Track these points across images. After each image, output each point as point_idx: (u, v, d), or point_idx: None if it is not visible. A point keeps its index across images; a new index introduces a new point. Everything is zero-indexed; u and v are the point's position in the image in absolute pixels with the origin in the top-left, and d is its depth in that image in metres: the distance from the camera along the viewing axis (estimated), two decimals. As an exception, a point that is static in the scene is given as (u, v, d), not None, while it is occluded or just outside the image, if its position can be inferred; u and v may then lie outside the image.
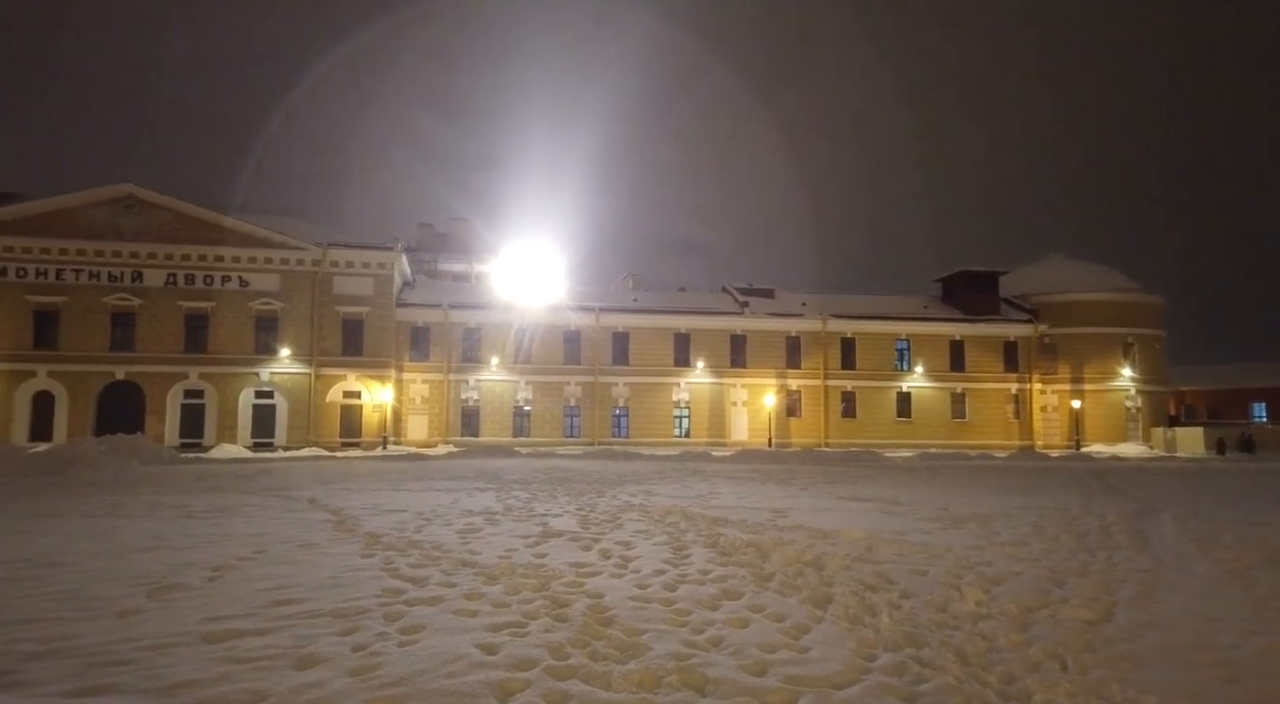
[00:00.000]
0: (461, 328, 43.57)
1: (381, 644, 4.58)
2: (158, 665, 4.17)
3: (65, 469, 20.14)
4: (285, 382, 39.80)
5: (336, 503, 12.58)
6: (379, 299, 41.28)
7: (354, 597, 5.80)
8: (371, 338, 40.94)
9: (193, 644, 4.58)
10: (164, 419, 38.04)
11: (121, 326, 38.22)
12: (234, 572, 6.81)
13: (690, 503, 12.82)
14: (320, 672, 4.08)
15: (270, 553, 7.75)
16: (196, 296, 39.00)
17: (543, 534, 9.11)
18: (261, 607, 5.47)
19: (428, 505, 12.25)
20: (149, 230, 38.48)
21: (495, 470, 21.52)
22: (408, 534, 9.05)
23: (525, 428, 43.77)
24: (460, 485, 16.35)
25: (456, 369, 43.15)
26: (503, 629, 4.92)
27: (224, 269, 39.35)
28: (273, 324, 39.93)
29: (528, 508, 12.01)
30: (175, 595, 5.89)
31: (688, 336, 46.13)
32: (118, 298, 38.09)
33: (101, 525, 9.91)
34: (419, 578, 6.51)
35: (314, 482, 17.31)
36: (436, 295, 44.71)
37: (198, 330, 39.12)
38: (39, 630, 4.86)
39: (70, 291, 37.56)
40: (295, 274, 40.20)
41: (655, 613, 5.43)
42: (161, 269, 38.62)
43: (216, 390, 39.00)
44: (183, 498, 13.40)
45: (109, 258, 38.01)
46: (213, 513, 11.23)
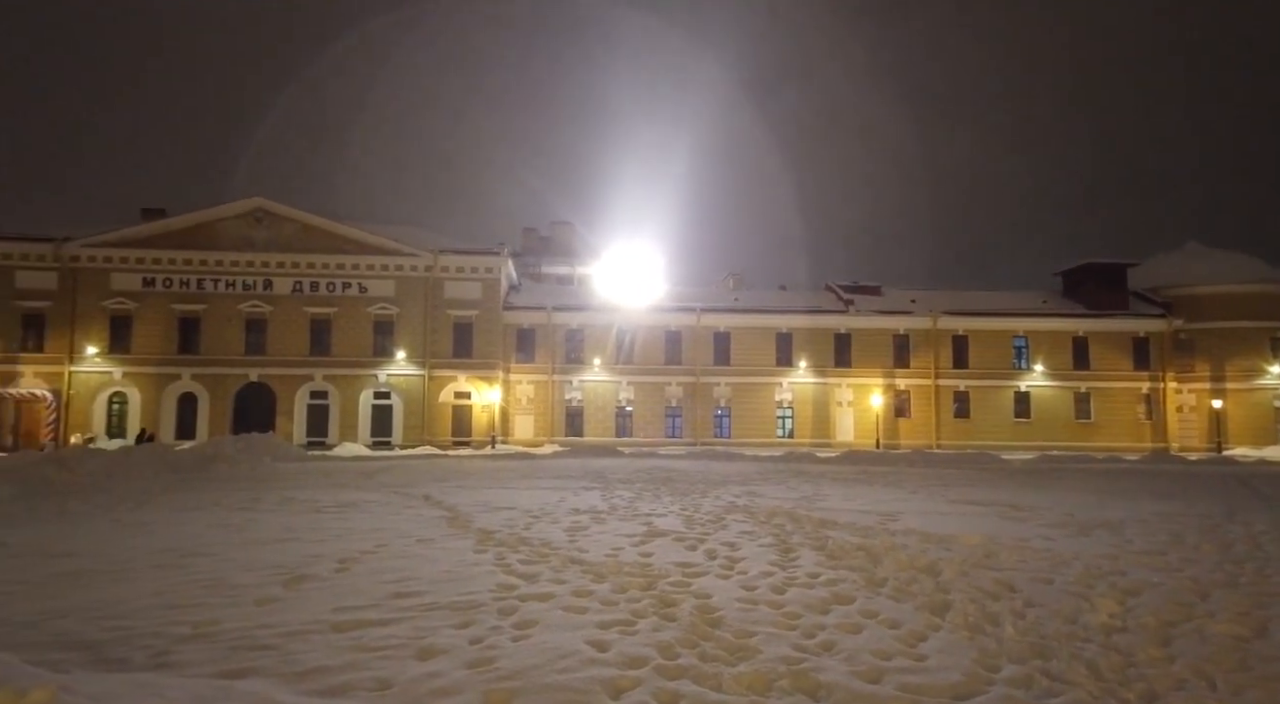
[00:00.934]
0: (564, 330, 44.41)
1: (496, 638, 4.72)
2: (293, 652, 4.43)
3: (207, 466, 21.71)
4: (401, 383, 41.61)
5: (450, 500, 13.04)
6: (487, 302, 42.59)
7: (469, 591, 5.99)
8: (480, 340, 42.28)
9: (323, 632, 4.84)
10: (292, 418, 40.45)
11: (254, 332, 40.91)
12: (359, 564, 7.17)
13: (795, 504, 12.62)
14: (440, 663, 4.24)
15: (391, 547, 8.11)
16: (320, 302, 41.31)
17: (648, 533, 9.16)
18: (384, 598, 5.73)
19: (536, 503, 12.54)
20: (278, 241, 41.04)
21: (599, 470, 21.81)
22: (517, 531, 9.28)
23: (627, 428, 44.18)
24: (566, 484, 16.65)
25: (560, 370, 44.00)
26: (612, 627, 4.97)
27: (344, 276, 41.52)
28: (389, 328, 41.83)
29: (632, 507, 12.11)
30: (306, 586, 6.24)
31: (790, 336, 45.47)
32: (251, 305, 40.79)
33: (240, 518, 10.63)
34: (530, 574, 6.67)
35: (428, 479, 18.01)
36: (540, 298, 45.74)
37: (322, 334, 41.42)
38: (189, 615, 5.25)
39: (209, 300, 40.49)
40: (409, 279, 41.98)
41: (764, 615, 5.37)
42: (289, 277, 41.11)
43: (339, 391, 41.18)
44: (311, 493, 14.21)
45: (243, 267, 40.76)
46: (338, 508, 11.85)
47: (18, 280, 39.21)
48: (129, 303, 39.95)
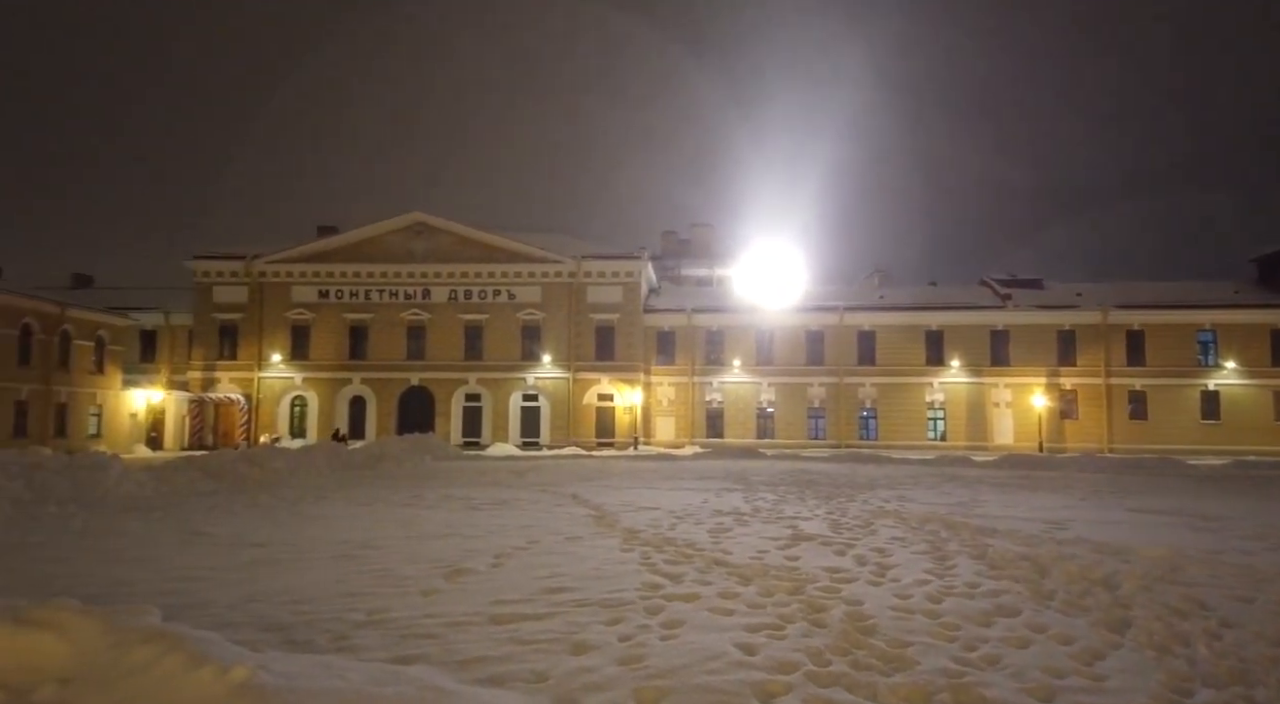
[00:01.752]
0: (704, 331, 44.45)
1: (645, 636, 4.78)
2: (455, 642, 4.68)
3: (375, 463, 23.35)
4: (547, 385, 43.07)
5: (596, 499, 13.36)
6: (627, 306, 43.33)
7: (617, 589, 6.11)
8: (621, 343, 43.07)
9: (482, 624, 5.09)
10: (449, 420, 42.77)
11: (415, 338, 43.60)
12: (512, 559, 7.48)
13: (951, 510, 12.02)
14: (592, 658, 4.35)
15: (542, 544, 8.41)
16: (473, 309, 43.47)
17: (793, 537, 9.01)
18: (537, 593, 5.95)
19: (679, 504, 12.62)
20: (435, 252, 43.56)
21: (741, 471, 21.67)
22: (662, 531, 9.38)
23: (769, 429, 43.64)
24: (708, 486, 16.65)
25: (700, 372, 44.08)
26: (760, 630, 4.93)
27: (495, 284, 43.50)
28: (536, 333, 43.42)
29: (776, 510, 11.95)
30: (466, 579, 6.58)
31: (940, 334, 43.38)
32: (411, 313, 43.50)
33: (405, 514, 11.36)
34: (675, 574, 6.72)
35: (575, 479, 18.53)
36: (680, 300, 46.02)
37: (475, 340, 43.56)
38: (363, 603, 5.67)
39: (375, 309, 43.53)
40: (554, 285, 43.40)
41: (920, 625, 5.15)
42: (445, 286, 43.52)
43: (491, 394, 43.16)
44: (467, 491, 14.97)
45: (404, 278, 43.54)
46: (492, 505, 12.42)
47: (215, 295, 43.71)
48: (307, 313, 43.61)
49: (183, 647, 3.59)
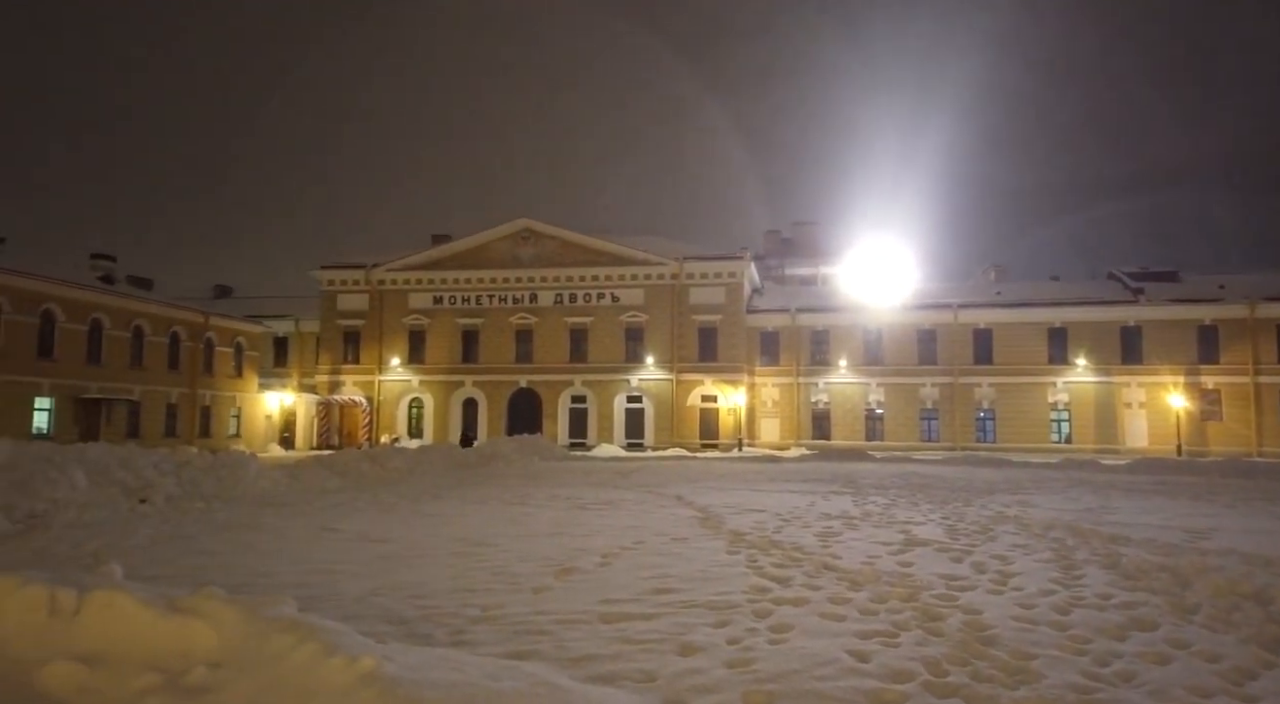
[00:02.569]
0: (809, 331, 43.68)
1: (753, 639, 4.75)
2: (566, 639, 4.79)
3: (487, 463, 24.13)
4: (651, 387, 43.35)
5: (701, 501, 13.35)
6: (730, 307, 43.09)
7: (724, 591, 6.09)
8: (724, 344, 42.87)
9: (592, 622, 5.18)
10: (556, 421, 43.71)
11: (523, 342, 44.81)
12: (619, 559, 7.57)
13: (1077, 517, 11.35)
14: (700, 660, 4.35)
15: (648, 544, 8.47)
16: (578, 313, 44.28)
17: (906, 542, 8.73)
18: (645, 594, 6.00)
19: (785, 507, 12.45)
20: (541, 257, 44.65)
21: (849, 474, 21.16)
22: (768, 534, 9.28)
23: (878, 431, 42.43)
24: (815, 488, 16.35)
25: (805, 372, 43.34)
26: (872, 637, 4.81)
27: (599, 287, 44.16)
28: (639, 335, 43.79)
29: (887, 514, 11.61)
30: (575, 578, 6.71)
31: (1064, 331, 41.05)
32: (519, 317, 44.73)
33: (516, 512, 11.68)
34: (783, 578, 6.64)
35: (679, 480, 18.58)
36: (784, 300, 45.40)
37: (580, 343, 44.36)
38: (479, 599, 5.87)
39: (486, 314, 44.99)
40: (656, 287, 43.66)
41: (1046, 637, 4.89)
42: (551, 290, 44.53)
43: (595, 396, 43.83)
44: (574, 491, 15.26)
45: (512, 283, 44.82)
46: (599, 505, 12.61)
47: (340, 303, 46.25)
48: (423, 319, 45.54)
49: (316, 637, 3.82)
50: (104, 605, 4.11)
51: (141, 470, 12.24)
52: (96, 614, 4.10)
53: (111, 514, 10.68)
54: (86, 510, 10.20)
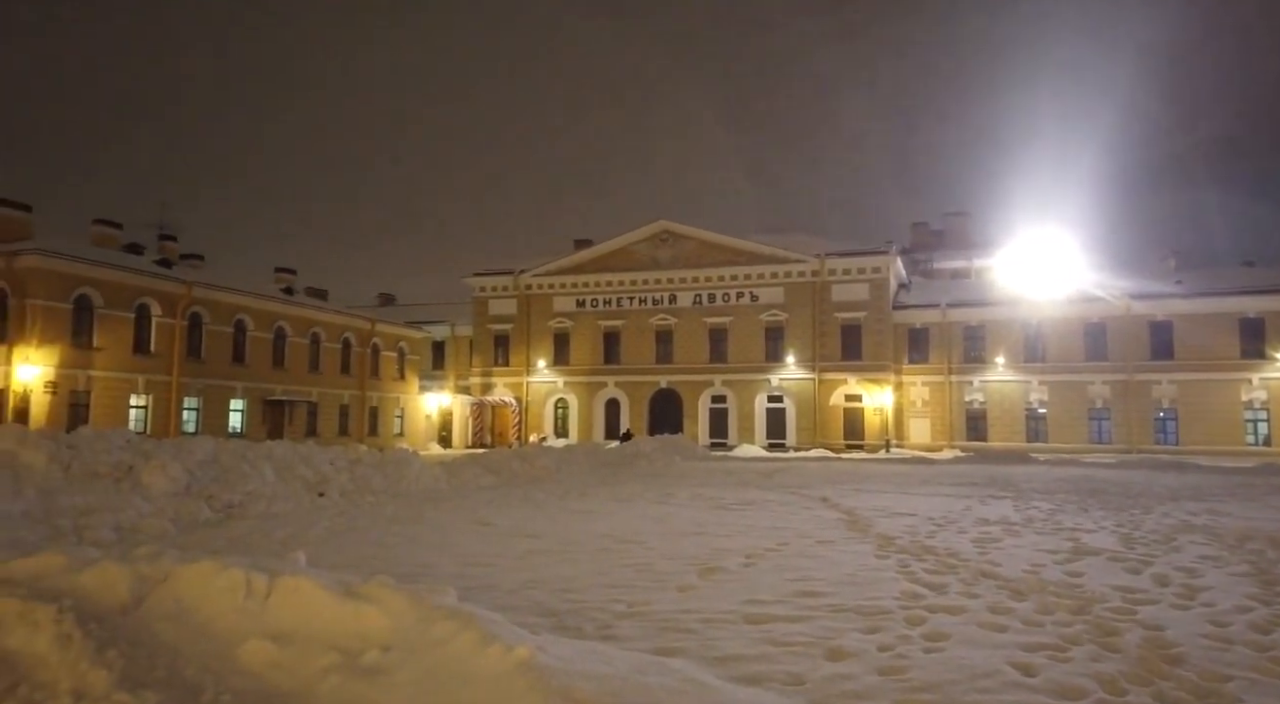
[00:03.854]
0: (962, 327, 41.52)
1: (906, 647, 4.58)
2: (711, 638, 4.80)
3: (630, 462, 24.55)
4: (792, 386, 42.64)
5: (847, 503, 13.00)
6: (875, 303, 41.68)
7: (873, 596, 5.91)
8: (869, 342, 41.51)
9: (736, 623, 5.16)
10: (696, 421, 43.86)
11: (663, 343, 45.27)
12: (763, 560, 7.51)
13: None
14: (849, 665, 4.25)
15: (792, 546, 8.35)
16: (717, 313, 44.24)
17: (1074, 551, 8.13)
18: (790, 596, 5.92)
19: (938, 511, 11.91)
20: (680, 258, 44.96)
21: (1008, 477, 19.94)
22: (920, 539, 8.91)
23: (1040, 432, 39.72)
24: (970, 492, 15.53)
25: (958, 370, 41.22)
26: (1038, 650, 4.51)
27: (738, 286, 43.92)
28: (779, 334, 43.18)
29: (1052, 520, 10.86)
30: (718, 577, 6.72)
31: (1260, 322, 36.84)
32: (659, 318, 45.22)
33: (659, 511, 11.83)
34: (937, 585, 6.36)
35: (823, 481, 18.17)
36: (933, 295, 43.41)
37: (719, 343, 44.29)
38: (625, 595, 5.99)
39: (627, 316, 45.81)
40: (797, 285, 42.89)
41: (1242, 658, 4.42)
42: (690, 291, 44.74)
43: (736, 395, 43.61)
44: (716, 491, 15.26)
45: (652, 284, 45.39)
46: (741, 506, 12.55)
47: (490, 308, 48.51)
48: (567, 322, 46.97)
49: (475, 625, 4.03)
50: (291, 590, 4.51)
51: (319, 466, 13.34)
52: (284, 598, 4.51)
53: (295, 506, 11.71)
54: (274, 502, 11.23)
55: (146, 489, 9.71)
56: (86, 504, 8.71)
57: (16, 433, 9.56)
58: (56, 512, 8.35)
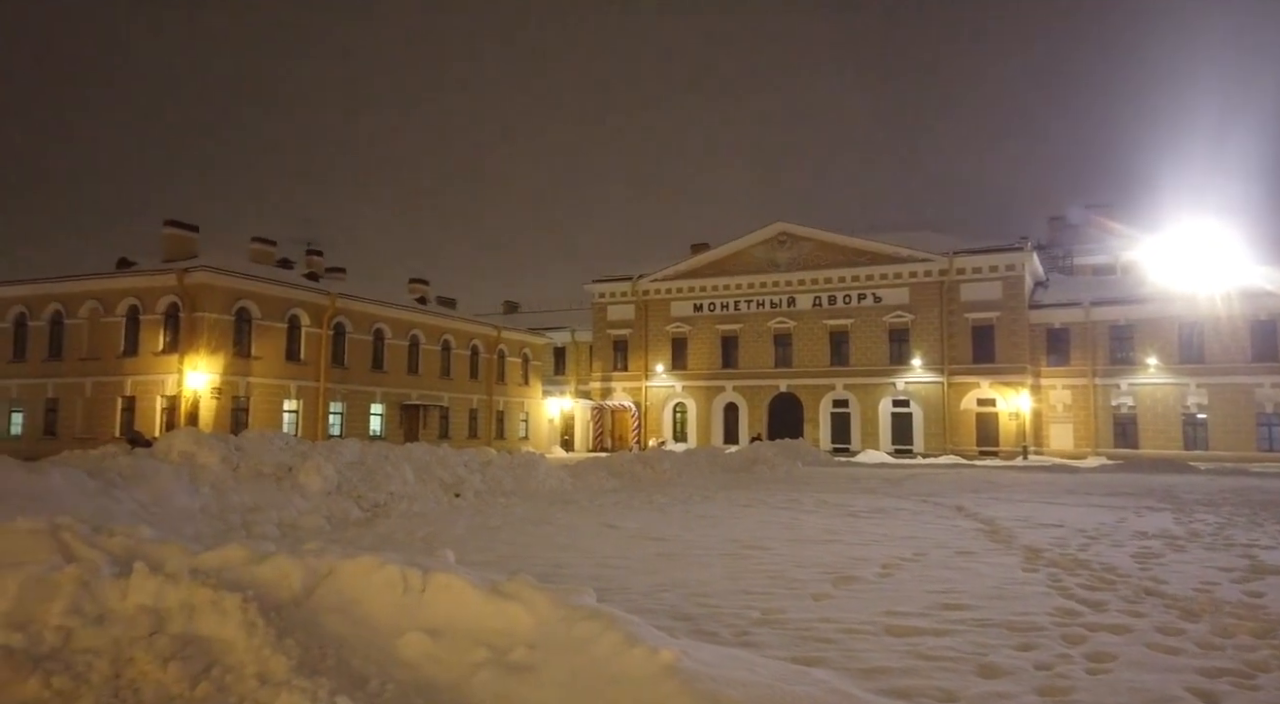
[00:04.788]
0: (1106, 326, 38.82)
1: (1066, 666, 4.32)
2: (853, 649, 4.69)
3: (750, 467, 24.33)
4: (919, 390, 41.09)
5: (985, 512, 12.40)
6: (1009, 302, 39.59)
7: (1023, 611, 5.61)
8: (1003, 343, 39.46)
9: (878, 634, 5.02)
10: (817, 425, 42.99)
11: (781, 346, 44.66)
12: (900, 571, 7.27)
13: None
14: (1004, 683, 4.05)
15: (930, 557, 8.04)
16: (838, 315, 43.23)
17: (1252, 569, 7.43)
18: (932, 608, 5.70)
19: (1088, 522, 11.17)
20: (798, 260, 44.25)
21: (1166, 487, 18.44)
22: (1071, 552, 8.39)
23: (1199, 439, 36.57)
24: (1123, 502, 14.46)
25: (1103, 373, 38.55)
26: (1220, 676, 4.16)
27: (860, 287, 42.78)
28: (904, 335, 41.72)
29: (1222, 535, 9.96)
30: (854, 586, 6.55)
31: None
32: (777, 322, 44.65)
33: (784, 517, 11.66)
34: (1094, 601, 5.96)
35: (957, 489, 17.40)
36: (1074, 293, 40.80)
37: (840, 346, 43.26)
38: (758, 602, 5.94)
39: (744, 319, 45.49)
40: (923, 285, 41.33)
41: None
42: (809, 293, 43.94)
43: (858, 400, 42.44)
44: (843, 498, 14.89)
45: (769, 288, 44.88)
46: (871, 513, 12.19)
47: (609, 314, 49.32)
48: (684, 326, 47.11)
49: (617, 627, 4.11)
50: (443, 586, 4.74)
51: (454, 468, 13.95)
52: (437, 594, 4.74)
53: (434, 506, 12.29)
54: (415, 502, 11.83)
55: (303, 488, 10.44)
56: (253, 501, 9.46)
57: (193, 435, 10.52)
58: (228, 508, 9.12)
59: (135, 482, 8.72)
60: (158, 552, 4.83)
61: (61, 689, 3.63)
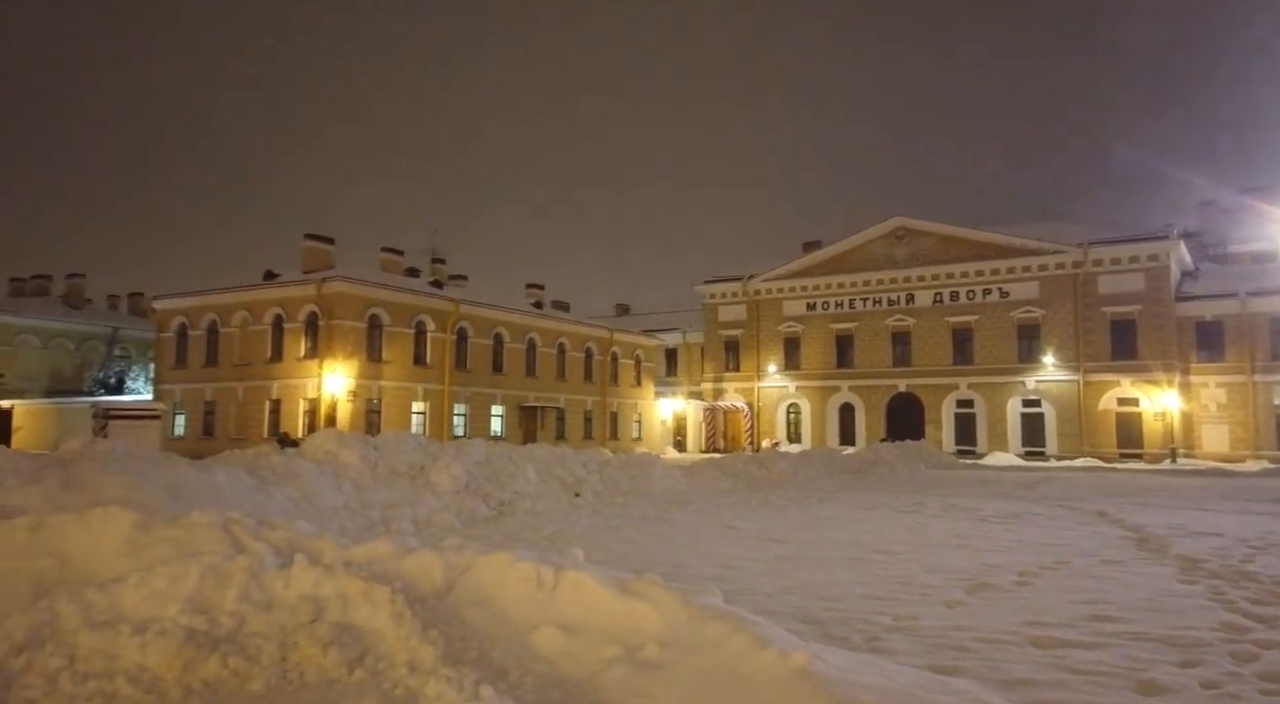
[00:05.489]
0: (1268, 318, 35.48)
1: (1237, 686, 4.00)
2: (993, 659, 4.50)
3: (869, 469, 23.69)
4: (1051, 389, 38.83)
5: (1131, 519, 11.61)
6: (1153, 295, 36.82)
7: (1183, 625, 5.23)
8: (1146, 338, 36.73)
9: (1020, 645, 4.80)
10: (940, 427, 41.31)
11: (899, 345, 43.20)
12: (1039, 579, 6.91)
13: None
14: (1168, 702, 3.79)
15: (1072, 565, 7.61)
16: (961, 311, 41.42)
17: None
18: (1079, 620, 5.40)
19: (1251, 531, 10.27)
20: (917, 256, 42.70)
21: (1345, 495, 16.70)
22: (1233, 563, 7.74)
23: (1385, 441, 32.84)
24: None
25: (1263, 369, 35.25)
26: None
27: (984, 282, 40.85)
28: (1034, 332, 39.53)
29: None
30: (989, 594, 6.28)
31: None
32: (895, 319, 43.23)
33: (909, 521, 11.30)
34: (1266, 617, 5.49)
35: (1097, 494, 16.37)
36: (1229, 283, 37.51)
37: (964, 343, 41.42)
38: (888, 607, 5.79)
39: (860, 318, 44.30)
40: (1055, 279, 39.05)
41: None
42: (929, 289, 42.32)
43: (984, 399, 40.52)
44: (972, 502, 14.28)
45: (887, 284, 43.52)
46: (1003, 518, 11.64)
47: (720, 314, 49.12)
48: (797, 326, 46.34)
49: (747, 628, 4.10)
50: (574, 584, 4.86)
51: (574, 468, 14.26)
52: (568, 591, 4.87)
53: (555, 505, 12.61)
54: (538, 501, 12.18)
55: (435, 487, 10.95)
56: (390, 499, 10.00)
57: (336, 436, 11.24)
58: (368, 505, 9.69)
59: (286, 479, 9.39)
60: (314, 545, 5.18)
61: (237, 669, 3.96)
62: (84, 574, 4.88)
